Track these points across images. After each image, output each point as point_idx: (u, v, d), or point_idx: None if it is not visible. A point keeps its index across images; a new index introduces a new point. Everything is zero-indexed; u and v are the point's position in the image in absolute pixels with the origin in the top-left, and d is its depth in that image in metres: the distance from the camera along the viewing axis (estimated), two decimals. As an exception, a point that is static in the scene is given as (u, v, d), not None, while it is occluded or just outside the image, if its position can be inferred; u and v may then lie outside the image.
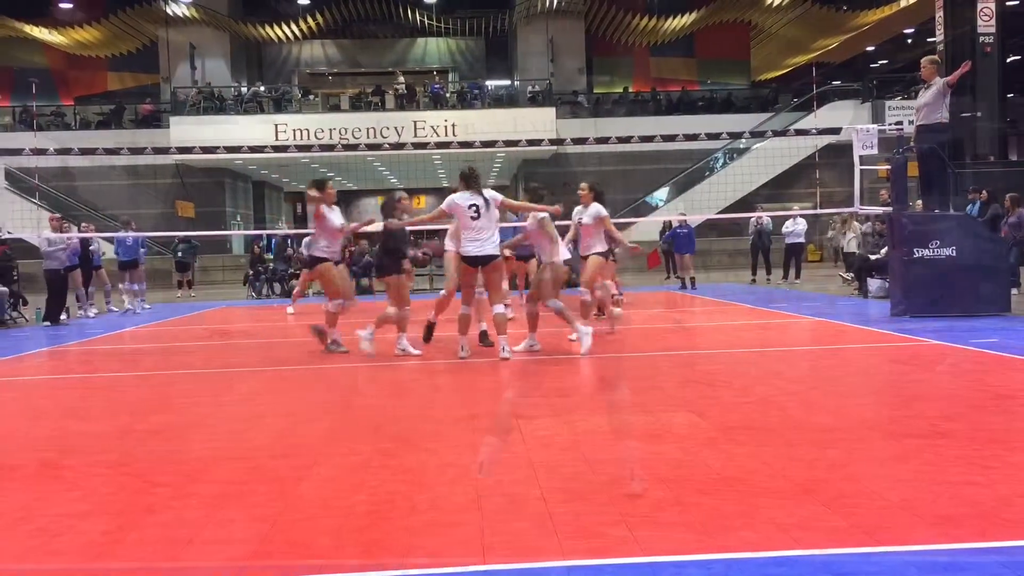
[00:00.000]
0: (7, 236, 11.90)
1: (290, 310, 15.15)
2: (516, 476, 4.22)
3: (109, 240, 16.41)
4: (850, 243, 18.60)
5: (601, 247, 9.54)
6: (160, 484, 4.35)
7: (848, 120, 26.69)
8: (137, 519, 3.76)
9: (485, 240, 8.09)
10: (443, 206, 8.31)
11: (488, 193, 8.22)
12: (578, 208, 9.73)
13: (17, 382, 8.28)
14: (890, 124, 18.11)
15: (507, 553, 3.20)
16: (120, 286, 17.57)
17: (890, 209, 11.73)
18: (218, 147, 13.52)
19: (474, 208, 8.06)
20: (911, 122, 12.88)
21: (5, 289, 14.29)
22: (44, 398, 7.02)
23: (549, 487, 4.00)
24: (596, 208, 9.41)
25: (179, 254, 22.28)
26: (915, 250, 10.83)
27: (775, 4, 32.51)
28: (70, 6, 32.08)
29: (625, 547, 3.22)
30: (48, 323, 14.12)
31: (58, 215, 15.85)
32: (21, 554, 3.35)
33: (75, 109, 33.14)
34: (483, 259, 8.14)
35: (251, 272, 22.02)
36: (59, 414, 6.44)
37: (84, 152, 12.32)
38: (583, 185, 9.66)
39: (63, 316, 14.46)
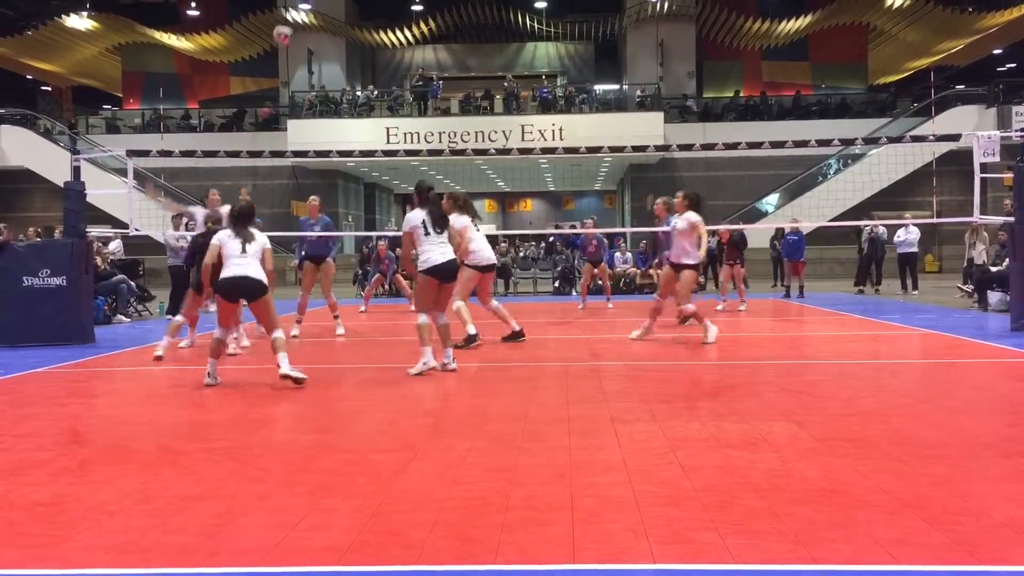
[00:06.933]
0: (135, 232, 12.53)
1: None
2: (610, 479, 4.26)
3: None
4: (981, 254, 17.74)
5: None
6: (268, 472, 4.56)
7: (971, 126, 25.58)
8: (246, 503, 3.96)
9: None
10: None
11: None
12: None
13: (141, 372, 8.75)
14: (1016, 130, 17.25)
15: (597, 553, 3.24)
16: None
17: (1011, 219, 11.24)
18: (331, 150, 13.89)
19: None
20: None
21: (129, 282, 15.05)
22: (164, 387, 7.40)
23: (642, 491, 4.02)
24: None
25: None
26: (1038, 262, 10.37)
27: (894, 6, 31.39)
28: (197, 13, 33.56)
29: (715, 553, 3.22)
30: (171, 316, 14.75)
31: (177, 214, 16.54)
32: (140, 531, 3.57)
33: (200, 112, 34.65)
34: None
35: (360, 271, 22.58)
36: (178, 403, 6.79)
37: (207, 154, 12.85)
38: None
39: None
